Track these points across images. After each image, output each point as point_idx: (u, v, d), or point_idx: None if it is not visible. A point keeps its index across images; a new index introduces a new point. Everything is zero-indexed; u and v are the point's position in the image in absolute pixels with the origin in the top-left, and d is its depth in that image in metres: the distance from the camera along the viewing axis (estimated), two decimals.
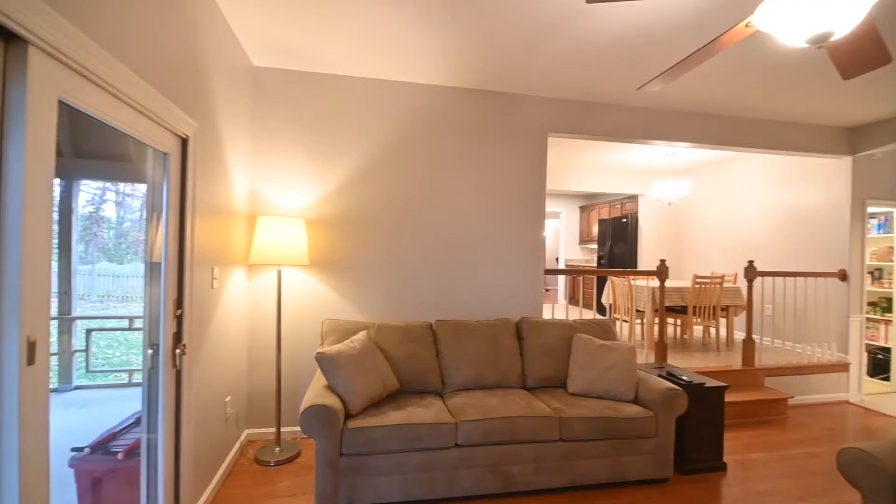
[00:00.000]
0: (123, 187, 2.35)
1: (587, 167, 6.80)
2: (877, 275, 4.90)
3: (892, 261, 4.75)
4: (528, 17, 2.35)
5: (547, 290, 13.47)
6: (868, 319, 4.74)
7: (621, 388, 2.75)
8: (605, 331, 3.22)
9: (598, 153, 5.85)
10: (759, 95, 3.43)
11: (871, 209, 4.44)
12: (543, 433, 2.43)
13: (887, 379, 4.73)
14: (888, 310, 4.77)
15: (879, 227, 4.88)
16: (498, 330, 3.03)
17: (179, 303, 1.90)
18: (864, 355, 4.38)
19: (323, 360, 2.35)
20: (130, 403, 1.93)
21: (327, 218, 3.20)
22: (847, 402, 4.25)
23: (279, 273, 2.82)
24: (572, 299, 9.50)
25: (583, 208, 9.73)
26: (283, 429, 3.13)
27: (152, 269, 1.80)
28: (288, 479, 2.59)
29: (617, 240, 7.78)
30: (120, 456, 1.75)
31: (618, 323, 5.86)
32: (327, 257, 3.19)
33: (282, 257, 2.68)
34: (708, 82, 3.19)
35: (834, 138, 4.22)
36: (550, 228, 12.69)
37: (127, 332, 2.73)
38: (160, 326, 1.79)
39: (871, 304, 4.88)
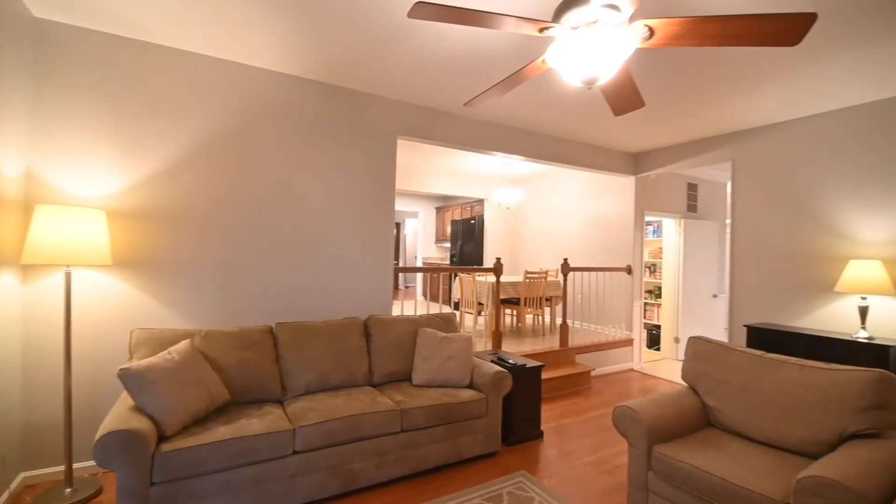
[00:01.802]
0: None
1: (442, 170, 7.19)
2: (652, 269, 6.29)
3: (661, 258, 6.14)
4: (371, 21, 2.37)
5: (407, 287, 13.82)
6: (645, 304, 6.07)
7: (459, 375, 2.99)
8: (447, 324, 3.45)
9: (452, 158, 6.23)
10: (570, 122, 4.08)
11: (647, 218, 5.68)
12: (386, 427, 2.50)
13: (658, 349, 6.10)
14: (659, 296, 6.15)
15: (654, 232, 6.26)
16: (344, 329, 3.00)
17: None
18: (643, 332, 5.58)
19: (128, 378, 2.02)
20: None
21: (140, 210, 2.75)
22: (632, 369, 5.36)
23: (68, 275, 2.32)
24: (429, 295, 9.91)
25: (438, 209, 10.23)
26: (77, 465, 2.59)
27: None
28: None
29: (467, 239, 8.40)
30: None
31: (466, 316, 6.34)
32: (140, 256, 2.74)
33: (72, 256, 2.21)
34: (533, 106, 3.67)
35: (623, 161, 5.27)
36: (410, 227, 13.06)
37: None
38: None
39: (648, 291, 6.25)
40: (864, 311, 3.28)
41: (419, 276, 10.59)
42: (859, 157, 3.50)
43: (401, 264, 12.98)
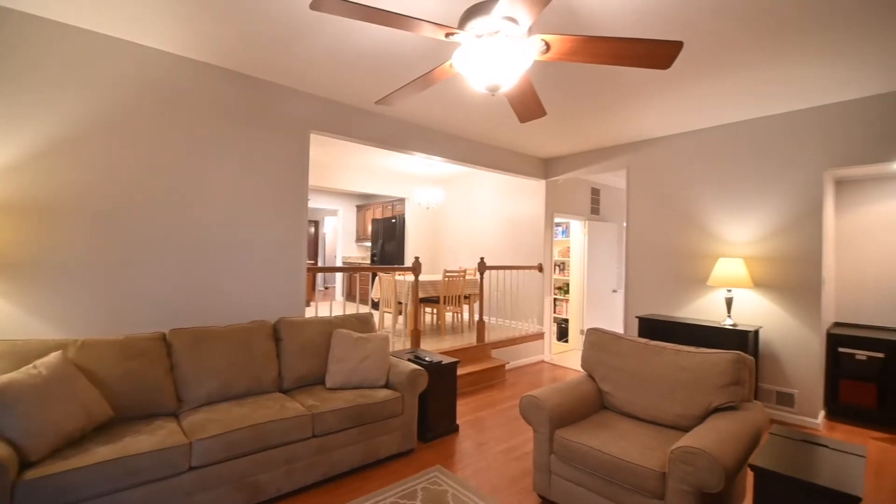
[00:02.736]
0: None
1: (362, 168, 7.05)
2: (561, 267, 6.75)
3: (569, 257, 6.61)
4: (279, 7, 2.26)
5: (326, 288, 13.35)
6: (555, 299, 6.50)
7: (375, 375, 2.97)
8: (364, 324, 3.40)
9: (372, 156, 6.13)
10: (485, 126, 4.24)
11: (556, 219, 6.09)
12: (295, 433, 2.40)
13: (567, 341, 6.56)
14: (567, 292, 6.62)
15: (563, 232, 6.73)
16: (251, 333, 2.83)
17: None
18: (553, 325, 5.97)
19: None
20: None
21: None
22: (543, 361, 5.70)
23: None
24: (349, 295, 9.69)
25: (359, 207, 10.03)
26: None
27: None
28: None
29: (388, 238, 8.34)
30: None
31: (387, 315, 6.30)
32: None
33: None
34: (449, 109, 3.74)
35: (536, 166, 5.59)
36: (329, 226, 12.64)
37: None
38: None
39: (558, 288, 6.70)
40: (729, 302, 3.83)
41: (339, 276, 10.31)
42: (726, 169, 4.07)
43: (320, 264, 12.54)
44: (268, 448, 2.31)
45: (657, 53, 1.58)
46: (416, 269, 4.37)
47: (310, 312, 3.90)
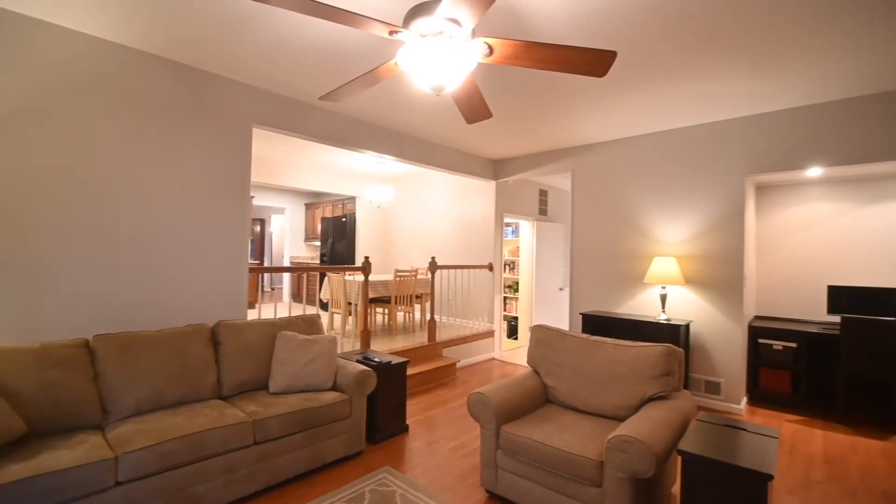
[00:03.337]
0: None
1: (311, 165, 6.85)
2: (511, 266, 6.91)
3: (518, 256, 6.78)
4: None
5: (273, 290, 12.85)
6: (505, 298, 6.65)
7: (321, 377, 2.90)
8: (310, 325, 3.31)
9: (322, 152, 5.97)
10: (436, 126, 4.25)
11: (506, 220, 6.22)
12: (235, 441, 2.30)
13: (516, 338, 6.72)
14: (517, 290, 6.79)
15: (512, 232, 6.89)
16: (186, 338, 2.67)
17: None
18: (503, 323, 6.10)
19: None
20: None
21: None
22: (493, 358, 5.81)
23: None
24: (297, 297, 9.39)
25: (308, 206, 9.74)
26: None
27: None
28: None
29: (338, 237, 8.15)
30: None
31: (336, 316, 6.16)
32: None
33: None
34: (400, 107, 3.72)
35: (486, 167, 5.69)
36: (276, 224, 12.18)
37: None
38: None
39: (508, 286, 6.85)
40: (664, 298, 4.08)
41: (286, 276, 9.96)
42: (661, 173, 4.33)
43: (266, 264, 12.05)
44: (205, 458, 2.20)
45: (593, 61, 1.66)
46: (365, 268, 4.31)
47: (254, 315, 3.74)
